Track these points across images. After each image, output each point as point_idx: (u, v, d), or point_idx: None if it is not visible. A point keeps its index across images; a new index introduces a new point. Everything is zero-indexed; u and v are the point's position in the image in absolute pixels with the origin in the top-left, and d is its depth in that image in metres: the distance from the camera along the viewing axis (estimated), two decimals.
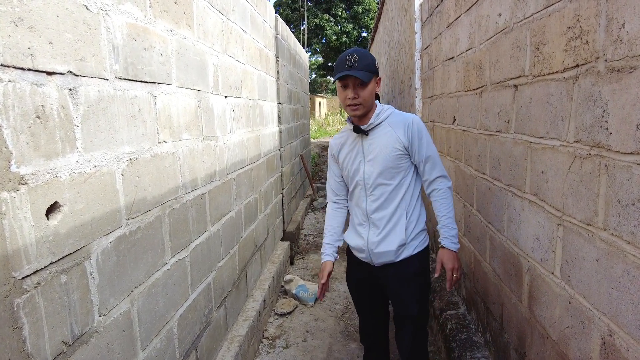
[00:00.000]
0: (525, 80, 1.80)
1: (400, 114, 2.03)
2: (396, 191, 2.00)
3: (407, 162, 2.00)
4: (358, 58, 1.90)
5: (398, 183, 2.00)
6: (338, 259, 2.30)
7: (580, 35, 1.35)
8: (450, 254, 1.98)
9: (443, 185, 2.00)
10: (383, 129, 2.00)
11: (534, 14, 1.69)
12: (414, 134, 1.96)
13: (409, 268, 2.03)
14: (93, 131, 1.31)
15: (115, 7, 1.44)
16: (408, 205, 2.02)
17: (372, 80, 1.94)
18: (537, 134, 1.70)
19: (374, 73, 1.95)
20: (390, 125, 1.99)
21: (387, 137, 1.98)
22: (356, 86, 1.92)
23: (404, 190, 2.01)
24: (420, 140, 1.97)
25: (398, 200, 2.00)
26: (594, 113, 1.29)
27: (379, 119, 2.00)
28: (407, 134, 1.95)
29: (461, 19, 2.77)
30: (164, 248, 1.80)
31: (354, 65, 1.89)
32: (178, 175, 1.93)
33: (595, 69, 1.28)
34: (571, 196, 1.44)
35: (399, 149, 1.96)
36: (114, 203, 1.42)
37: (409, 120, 1.98)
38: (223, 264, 2.56)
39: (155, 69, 1.73)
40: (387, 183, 1.99)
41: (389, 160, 1.97)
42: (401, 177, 2.00)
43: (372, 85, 1.95)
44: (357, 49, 1.96)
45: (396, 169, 1.98)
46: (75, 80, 1.22)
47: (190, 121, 2.08)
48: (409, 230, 2.00)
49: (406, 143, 1.95)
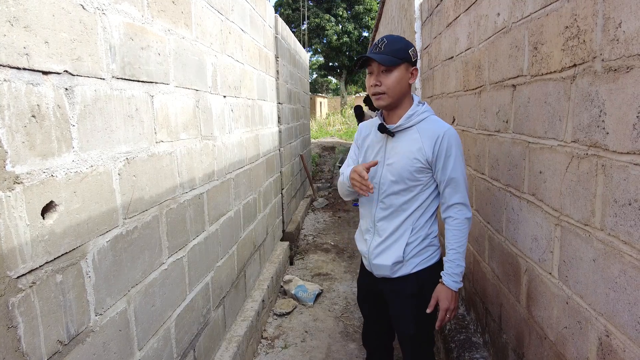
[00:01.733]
0: (523, 80, 1.80)
1: (435, 122, 1.79)
2: (407, 205, 1.82)
3: (427, 177, 1.79)
4: (386, 42, 1.74)
5: (412, 197, 1.81)
6: (337, 259, 2.26)
7: (578, 34, 1.35)
8: (448, 293, 1.79)
9: (461, 215, 1.78)
10: (411, 134, 1.79)
11: (532, 14, 1.68)
12: (441, 150, 1.73)
13: (405, 288, 1.88)
14: (89, 130, 1.31)
15: (112, 7, 1.44)
16: (416, 222, 1.83)
17: (398, 67, 1.72)
18: (535, 134, 1.69)
19: (402, 59, 1.72)
20: (419, 131, 1.77)
21: (412, 144, 1.78)
22: (380, 72, 1.74)
23: (417, 205, 1.82)
24: (447, 158, 1.74)
25: (407, 215, 1.83)
26: (591, 113, 1.28)
27: (409, 122, 1.78)
28: (434, 148, 1.73)
29: (460, 19, 2.77)
30: (162, 248, 1.80)
31: (378, 49, 1.73)
32: (176, 175, 1.93)
33: (592, 69, 1.27)
34: (569, 196, 1.43)
35: (420, 161, 1.75)
36: (110, 202, 1.42)
37: (440, 132, 1.74)
38: (221, 264, 2.56)
39: (153, 69, 1.73)
40: (400, 194, 1.82)
41: (406, 172, 1.78)
42: (417, 191, 1.80)
43: (399, 73, 1.73)
44: (390, 35, 1.78)
45: (413, 182, 1.79)
46: (71, 79, 1.22)
47: (188, 121, 2.08)
48: (409, 247, 1.84)
49: (430, 157, 1.74)
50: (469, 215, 1.79)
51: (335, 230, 5.73)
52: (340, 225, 5.97)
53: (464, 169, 1.78)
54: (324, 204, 7.09)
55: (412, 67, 1.78)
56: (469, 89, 2.63)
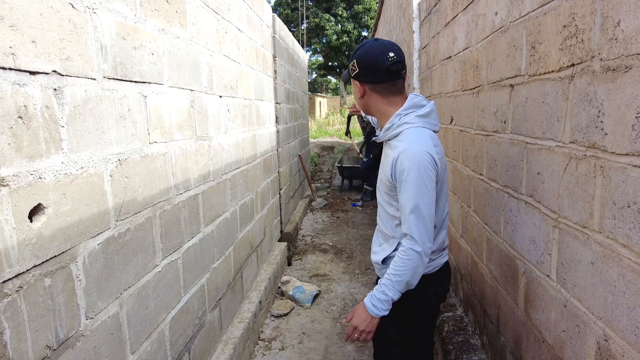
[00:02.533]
0: (521, 79, 1.78)
1: (404, 138, 1.59)
2: (394, 218, 1.71)
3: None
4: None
5: (394, 213, 1.69)
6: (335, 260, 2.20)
7: (576, 34, 1.33)
8: (363, 313, 1.63)
9: (407, 244, 1.56)
10: (388, 148, 1.70)
11: (530, 13, 1.66)
12: (396, 173, 1.57)
13: None
14: (80, 132, 1.29)
15: (104, 6, 1.42)
16: (401, 237, 1.67)
17: (353, 82, 1.70)
18: (533, 135, 1.67)
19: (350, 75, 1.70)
20: (392, 148, 1.64)
21: (385, 160, 1.68)
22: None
23: (400, 220, 1.65)
24: (400, 183, 1.56)
25: (391, 226, 1.73)
26: (590, 113, 1.26)
27: (386, 135, 1.67)
28: (392, 169, 1.59)
29: (458, 18, 2.75)
30: (155, 250, 1.77)
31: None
32: (170, 176, 1.91)
33: (591, 69, 1.25)
34: (567, 198, 1.41)
35: (387, 179, 1.64)
36: (102, 204, 1.40)
37: (397, 154, 1.56)
38: (217, 265, 2.54)
39: (146, 69, 1.71)
40: (385, 204, 1.75)
41: (384, 187, 1.70)
42: (397, 208, 1.66)
43: (355, 86, 1.71)
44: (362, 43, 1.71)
45: (392, 197, 1.68)
46: (60, 80, 1.20)
47: (182, 121, 2.06)
48: (389, 259, 1.72)
49: (392, 181, 1.61)
50: (416, 248, 1.53)
51: (334, 231, 5.71)
52: (339, 226, 5.95)
53: (415, 198, 1.52)
54: (323, 204, 7.07)
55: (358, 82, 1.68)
56: (467, 89, 2.61)
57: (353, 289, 3.91)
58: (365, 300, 1.63)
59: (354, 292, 3.85)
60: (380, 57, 1.61)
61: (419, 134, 1.59)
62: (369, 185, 7.56)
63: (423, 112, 1.63)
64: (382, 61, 1.60)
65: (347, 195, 7.91)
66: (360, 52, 1.66)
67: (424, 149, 1.54)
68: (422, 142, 1.56)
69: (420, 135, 1.59)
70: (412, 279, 1.57)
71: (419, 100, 1.66)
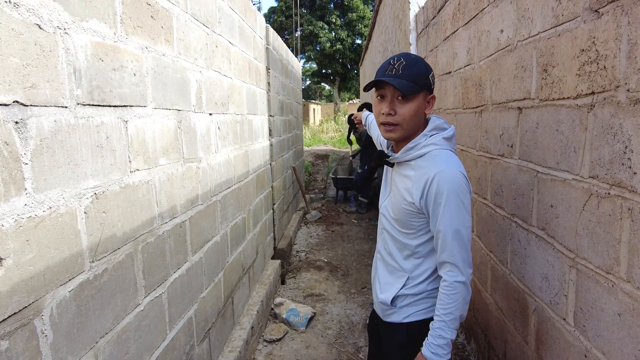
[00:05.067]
0: (530, 103, 1.66)
1: (434, 159, 1.45)
2: (402, 248, 1.59)
3: (420, 222, 1.51)
4: (404, 64, 1.45)
5: (405, 241, 1.57)
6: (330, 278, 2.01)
7: (597, 59, 1.21)
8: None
9: (450, 277, 1.43)
10: (407, 170, 1.53)
11: (541, 33, 1.55)
12: (430, 196, 1.43)
13: (395, 335, 1.65)
14: (48, 167, 1.15)
15: (77, 25, 1.29)
16: (412, 271, 1.57)
17: (418, 96, 1.46)
18: (545, 164, 1.55)
19: (422, 87, 1.46)
20: (415, 169, 1.49)
21: (405, 182, 1.52)
22: (395, 99, 1.47)
23: (411, 251, 1.56)
24: (436, 207, 1.42)
25: (401, 257, 1.60)
26: (614, 148, 1.14)
27: (407, 155, 1.51)
28: (422, 192, 1.44)
29: (459, 33, 2.64)
30: (137, 288, 1.63)
31: (395, 72, 1.45)
32: (154, 205, 1.77)
33: (615, 99, 1.13)
34: (586, 237, 1.29)
35: (409, 203, 1.49)
36: (74, 246, 1.26)
37: (431, 173, 1.42)
38: (206, 294, 2.39)
39: (127, 91, 1.57)
40: (394, 232, 1.60)
41: (399, 212, 1.55)
42: (410, 237, 1.55)
43: (417, 102, 1.46)
44: (407, 54, 1.50)
45: (406, 225, 1.54)
46: (23, 111, 1.06)
47: (168, 144, 1.92)
48: (402, 299, 1.60)
49: (418, 203, 1.46)
50: (460, 278, 1.41)
51: (329, 246, 5.56)
52: (334, 240, 5.81)
53: (457, 222, 1.40)
54: (317, 217, 6.93)
55: (430, 95, 1.51)
56: (469, 107, 2.49)
57: (349, 310, 3.77)
58: (424, 351, 1.48)
59: (350, 314, 3.71)
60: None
61: (450, 155, 1.47)
62: (363, 197, 7.43)
63: (447, 135, 1.52)
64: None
65: (342, 207, 7.77)
66: (421, 61, 1.49)
67: (460, 170, 1.43)
68: (455, 163, 1.45)
69: (451, 156, 1.47)
70: (464, 310, 1.45)
71: (441, 122, 1.54)
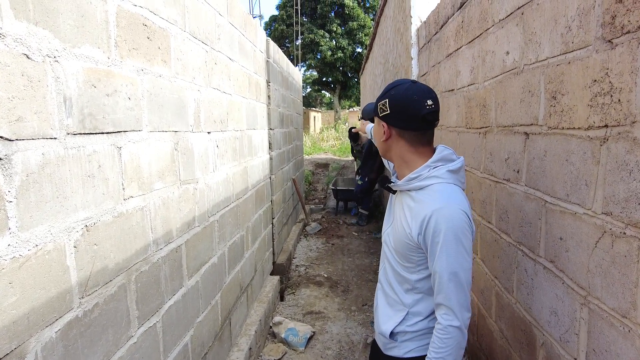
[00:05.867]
0: (538, 129, 1.61)
1: (433, 194, 1.39)
2: (401, 280, 1.53)
3: (420, 257, 1.44)
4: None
5: (405, 274, 1.51)
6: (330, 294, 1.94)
7: (611, 92, 1.16)
8: None
9: (444, 320, 1.36)
10: (408, 200, 1.47)
11: (550, 59, 1.50)
12: (427, 234, 1.36)
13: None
14: (34, 204, 1.09)
15: (69, 52, 1.24)
16: (412, 307, 1.51)
17: (377, 120, 1.54)
18: (554, 194, 1.50)
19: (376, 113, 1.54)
20: (415, 201, 1.43)
21: (405, 214, 1.47)
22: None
23: (411, 285, 1.50)
24: (433, 246, 1.36)
25: (400, 290, 1.54)
26: (630, 186, 1.09)
27: (407, 185, 1.46)
28: (420, 229, 1.38)
29: (462, 51, 2.60)
30: (130, 319, 1.57)
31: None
32: (148, 232, 1.71)
33: (631, 135, 1.08)
34: (599, 276, 1.23)
35: (407, 236, 1.43)
36: (62, 283, 1.20)
37: (429, 211, 1.36)
38: (203, 318, 2.33)
39: (121, 116, 1.52)
40: (394, 262, 1.55)
41: (399, 243, 1.49)
42: (410, 270, 1.49)
43: (377, 126, 1.55)
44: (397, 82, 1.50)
45: (405, 258, 1.49)
46: (8, 146, 1.01)
47: (164, 167, 1.87)
48: (402, 335, 1.54)
49: (416, 239, 1.40)
50: (455, 323, 1.34)
51: (329, 260, 5.49)
52: (334, 254, 5.74)
53: (454, 264, 1.33)
54: (317, 229, 6.86)
55: (384, 123, 1.50)
56: (473, 127, 2.44)
57: (349, 329, 3.70)
58: None
59: (350, 333, 3.63)
60: (418, 104, 1.42)
61: (452, 191, 1.40)
62: (364, 209, 7.37)
63: (454, 167, 1.45)
64: (418, 108, 1.41)
65: (342, 219, 7.71)
66: (395, 93, 1.46)
67: (460, 207, 1.36)
68: (456, 199, 1.38)
69: (454, 192, 1.40)
70: (458, 356, 1.37)
71: (448, 153, 1.47)
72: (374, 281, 4.70)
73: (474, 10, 2.32)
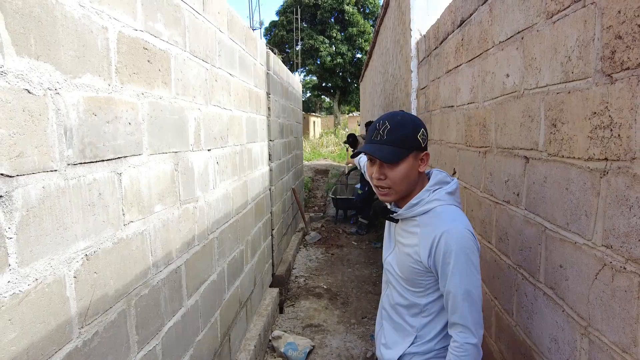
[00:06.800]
0: (538, 155, 1.61)
1: (439, 215, 1.42)
2: (408, 306, 1.54)
3: (429, 280, 1.46)
4: (389, 129, 1.43)
5: (412, 300, 1.52)
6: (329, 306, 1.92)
7: (610, 126, 1.16)
8: None
9: (461, 338, 1.38)
10: (412, 226, 1.49)
11: (550, 86, 1.50)
12: (438, 255, 1.38)
13: None
14: (34, 238, 1.09)
15: (69, 83, 1.24)
16: (420, 329, 1.52)
17: (406, 159, 1.42)
18: (554, 221, 1.50)
19: (410, 149, 1.43)
20: (421, 226, 1.45)
21: (410, 241, 1.48)
22: (383, 164, 1.44)
23: (420, 309, 1.51)
24: (444, 266, 1.37)
25: (409, 315, 1.55)
26: (630, 222, 1.09)
27: (411, 212, 1.47)
28: (430, 251, 1.40)
29: (462, 69, 2.60)
30: (130, 345, 1.56)
31: (380, 138, 1.43)
32: (148, 256, 1.71)
33: (631, 171, 1.08)
34: (599, 308, 1.23)
35: (415, 262, 1.45)
36: (61, 315, 1.20)
37: (438, 232, 1.38)
38: (202, 337, 2.32)
39: (122, 142, 1.52)
40: (399, 289, 1.56)
41: (406, 270, 1.50)
42: (420, 294, 1.50)
43: (407, 165, 1.43)
44: (392, 115, 1.47)
45: (413, 283, 1.50)
46: (8, 183, 1.01)
47: (164, 189, 1.87)
48: (407, 357, 1.55)
49: (426, 263, 1.41)
50: (472, 340, 1.37)
51: (328, 270, 5.48)
52: (334, 264, 5.73)
53: (466, 282, 1.36)
54: (317, 239, 6.85)
55: (423, 153, 1.47)
56: (473, 146, 2.44)
57: (349, 343, 3.69)
58: None
59: (350, 347, 3.62)
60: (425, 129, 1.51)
61: (455, 212, 1.44)
62: (364, 218, 7.37)
63: (451, 189, 1.49)
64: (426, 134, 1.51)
65: (342, 227, 7.70)
66: (407, 120, 1.45)
67: (467, 227, 1.40)
68: (462, 220, 1.42)
69: (457, 213, 1.44)
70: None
71: (444, 176, 1.52)
72: (374, 293, 4.70)
73: (474, 29, 2.33)
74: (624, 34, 1.08)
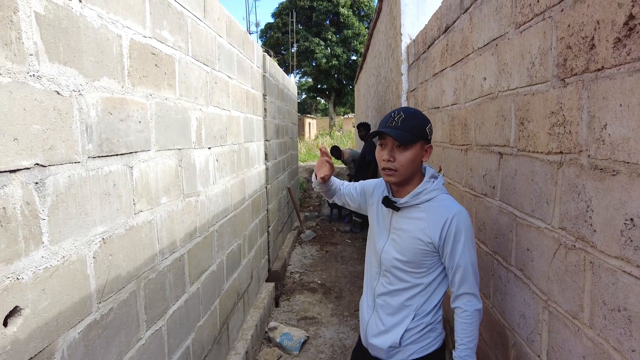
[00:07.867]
0: (510, 150, 1.78)
1: (444, 201, 1.64)
2: (410, 287, 1.69)
3: (433, 260, 1.65)
4: (403, 117, 1.62)
5: (414, 280, 1.68)
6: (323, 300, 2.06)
7: (564, 123, 1.33)
8: None
9: (470, 306, 1.61)
10: (417, 212, 1.66)
11: (519, 88, 1.68)
12: (449, 234, 1.58)
13: None
14: (62, 220, 1.25)
15: (90, 85, 1.40)
16: (419, 308, 1.68)
17: (415, 146, 1.61)
18: (522, 209, 1.67)
19: (419, 137, 1.62)
20: (427, 211, 1.64)
21: (417, 224, 1.65)
22: (394, 148, 1.63)
23: (419, 290, 1.68)
24: (455, 244, 1.59)
25: (408, 297, 1.69)
26: (578, 205, 1.26)
27: (416, 199, 1.66)
28: (441, 232, 1.59)
29: (447, 72, 2.78)
30: (139, 323, 1.72)
31: (395, 124, 1.62)
32: (155, 243, 1.87)
33: (579, 162, 1.26)
34: (556, 283, 1.40)
35: (424, 243, 1.62)
36: (83, 290, 1.36)
37: (449, 214, 1.59)
38: (203, 322, 2.48)
39: (133, 139, 1.68)
40: (401, 273, 1.70)
41: (410, 254, 1.65)
42: (420, 274, 1.67)
43: (414, 151, 1.61)
44: (407, 108, 1.68)
45: (417, 265, 1.66)
46: (42, 171, 1.17)
47: (170, 182, 2.03)
48: (408, 334, 1.68)
49: (437, 242, 1.60)
50: (478, 306, 1.61)
51: (323, 267, 5.65)
52: (328, 261, 5.90)
53: (473, 256, 1.61)
54: (312, 237, 7.02)
55: (427, 145, 1.67)
56: (456, 144, 2.62)
57: (342, 334, 3.85)
58: None
59: (343, 337, 3.79)
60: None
61: (454, 200, 1.69)
62: (357, 217, 7.54)
63: (442, 181, 1.73)
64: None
65: (336, 226, 7.87)
66: (420, 115, 1.66)
67: (466, 211, 1.66)
68: (461, 205, 1.67)
69: (454, 200, 1.69)
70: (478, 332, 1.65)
71: (434, 171, 1.75)
72: None
73: (457, 36, 2.51)
74: (573, 44, 1.26)
